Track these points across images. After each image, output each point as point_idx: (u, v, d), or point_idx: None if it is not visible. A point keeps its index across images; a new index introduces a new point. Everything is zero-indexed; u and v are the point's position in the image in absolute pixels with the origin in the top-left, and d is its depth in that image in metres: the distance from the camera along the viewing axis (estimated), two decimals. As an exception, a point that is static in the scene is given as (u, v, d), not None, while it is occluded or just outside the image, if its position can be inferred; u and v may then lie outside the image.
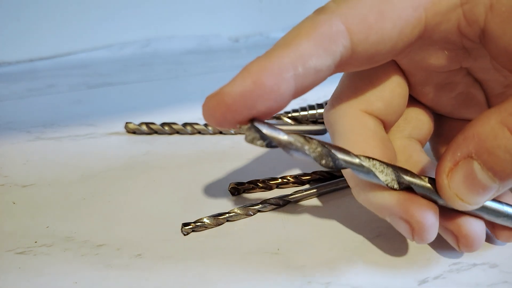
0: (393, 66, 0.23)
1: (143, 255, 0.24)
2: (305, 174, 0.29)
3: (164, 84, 0.45)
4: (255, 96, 0.17)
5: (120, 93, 0.43)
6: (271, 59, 0.18)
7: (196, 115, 0.37)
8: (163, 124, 0.35)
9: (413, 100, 0.25)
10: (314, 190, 0.28)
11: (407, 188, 0.20)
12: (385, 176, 0.20)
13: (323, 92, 0.40)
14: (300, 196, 0.28)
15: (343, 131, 0.22)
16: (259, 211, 0.27)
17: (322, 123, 0.35)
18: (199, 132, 0.35)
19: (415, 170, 0.22)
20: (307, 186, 0.29)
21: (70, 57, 0.50)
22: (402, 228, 0.21)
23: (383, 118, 0.23)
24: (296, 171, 0.30)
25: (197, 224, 0.25)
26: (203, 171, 0.31)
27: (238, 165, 0.31)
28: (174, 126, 0.35)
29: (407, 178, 0.20)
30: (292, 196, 0.27)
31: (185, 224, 0.25)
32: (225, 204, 0.27)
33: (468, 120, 0.25)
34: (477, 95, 0.24)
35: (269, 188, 0.29)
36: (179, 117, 0.36)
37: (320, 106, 0.35)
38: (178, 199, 0.28)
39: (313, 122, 0.35)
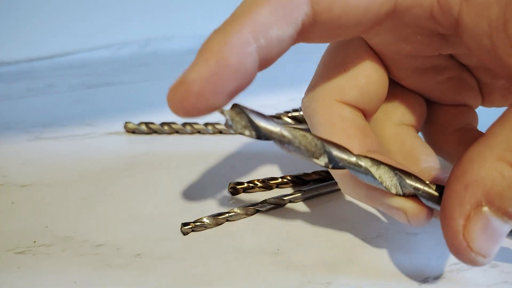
0: (367, 50, 0.22)
1: (143, 254, 0.24)
2: (305, 174, 0.29)
3: (164, 84, 0.45)
4: (222, 78, 0.16)
5: (119, 93, 0.43)
6: (230, 32, 0.17)
7: (195, 115, 0.37)
8: (162, 124, 0.35)
9: (402, 88, 0.24)
10: (314, 190, 0.28)
11: (410, 194, 0.19)
12: (386, 179, 0.19)
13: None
14: (300, 196, 0.28)
15: (319, 124, 0.21)
16: (258, 211, 0.27)
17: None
18: (199, 132, 0.35)
19: (409, 158, 0.21)
20: (307, 186, 0.29)
21: (69, 57, 0.50)
22: (397, 215, 0.20)
23: (360, 107, 0.22)
24: (296, 171, 0.30)
25: (196, 224, 0.25)
26: (202, 171, 0.31)
27: (237, 165, 0.31)
28: (173, 126, 0.35)
29: (411, 183, 0.19)
30: (292, 196, 0.27)
31: (184, 224, 0.25)
32: (225, 204, 0.27)
33: (460, 106, 0.24)
34: (469, 80, 0.23)
35: (269, 188, 0.29)
36: (178, 117, 0.36)
37: (320, 106, 0.35)
38: (178, 198, 0.28)
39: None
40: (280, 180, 0.29)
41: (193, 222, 0.25)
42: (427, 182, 0.19)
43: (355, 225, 0.26)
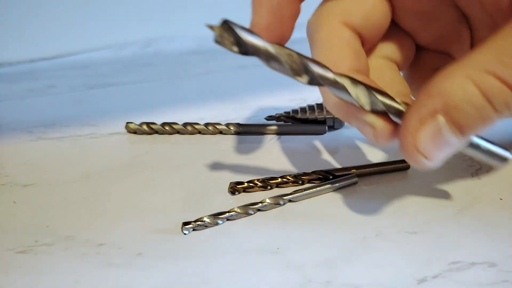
0: None
1: (144, 254, 0.24)
2: (304, 174, 0.29)
3: (165, 84, 0.45)
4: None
5: (120, 93, 0.43)
6: None
7: (196, 115, 0.38)
8: (163, 124, 0.35)
9: (396, 27, 0.25)
10: (314, 190, 0.28)
11: (382, 112, 0.20)
12: (361, 96, 0.20)
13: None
14: (300, 195, 0.28)
15: (318, 41, 0.22)
16: (259, 210, 0.27)
17: (323, 123, 0.35)
18: (200, 132, 0.35)
19: (386, 89, 0.22)
20: (306, 185, 0.29)
21: (71, 57, 0.50)
22: (367, 131, 0.21)
23: (361, 32, 0.23)
24: (296, 171, 0.30)
25: (197, 223, 0.25)
26: (203, 171, 0.31)
27: (238, 165, 0.31)
28: (174, 126, 0.35)
29: (383, 100, 0.20)
30: (292, 196, 0.28)
31: (185, 223, 0.25)
32: (225, 203, 0.27)
33: (447, 55, 0.25)
34: (463, 32, 0.24)
35: (269, 187, 0.29)
36: (179, 117, 0.36)
37: (319, 106, 0.35)
38: (179, 198, 0.28)
39: (313, 122, 0.35)
40: (279, 179, 0.29)
41: (194, 222, 0.25)
42: (398, 100, 0.20)
43: (355, 224, 0.26)
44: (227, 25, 0.18)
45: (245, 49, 0.19)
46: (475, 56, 0.18)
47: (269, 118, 0.36)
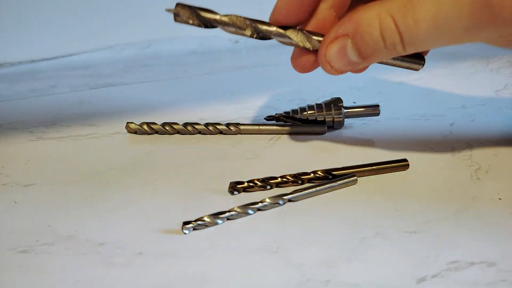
0: None
1: (144, 253, 0.24)
2: (304, 173, 0.29)
3: (165, 85, 0.45)
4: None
5: (121, 93, 0.43)
6: None
7: (197, 115, 0.38)
8: (164, 124, 0.35)
9: None
10: (313, 189, 0.28)
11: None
12: (300, 40, 0.26)
13: (322, 92, 0.41)
14: (299, 195, 0.28)
15: None
16: (258, 210, 0.27)
17: (322, 123, 0.35)
18: (200, 132, 0.35)
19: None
20: (306, 185, 0.29)
21: (72, 58, 0.51)
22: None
23: None
24: (296, 171, 0.30)
25: (197, 222, 0.25)
26: (203, 171, 0.31)
27: (238, 165, 0.31)
28: (175, 126, 0.35)
29: (316, 38, 0.26)
30: (292, 195, 0.28)
31: (185, 223, 0.25)
32: (225, 203, 0.27)
33: None
34: None
35: (269, 187, 0.29)
36: (180, 117, 0.36)
37: (319, 106, 0.35)
38: (179, 198, 0.28)
39: (313, 122, 0.35)
40: (279, 179, 0.29)
41: (194, 221, 0.26)
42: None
43: (354, 224, 0.26)
44: (182, 5, 0.25)
45: (203, 21, 0.24)
46: (389, 0, 0.22)
47: (269, 118, 0.36)
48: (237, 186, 0.28)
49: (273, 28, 0.26)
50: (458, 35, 0.22)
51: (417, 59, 0.28)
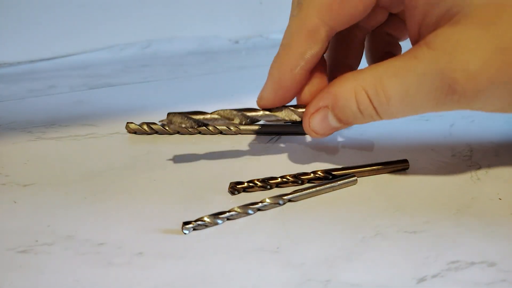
0: None
1: (144, 253, 0.24)
2: (304, 174, 0.29)
3: (165, 85, 0.45)
4: (282, 93, 0.28)
5: (121, 93, 0.43)
6: (282, 58, 0.27)
7: (196, 115, 0.38)
8: (164, 124, 0.35)
9: None
10: (313, 189, 0.28)
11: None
12: (286, 115, 0.28)
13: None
14: (300, 195, 0.28)
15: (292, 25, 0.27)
16: (259, 210, 0.27)
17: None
18: (200, 132, 0.35)
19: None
20: (306, 185, 0.29)
21: (71, 58, 0.50)
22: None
23: (333, 25, 0.26)
24: (295, 171, 0.30)
25: (197, 223, 0.25)
26: (203, 171, 0.31)
27: (238, 165, 0.31)
28: (174, 126, 0.35)
29: (300, 111, 0.29)
30: (292, 195, 0.28)
31: (185, 223, 0.25)
32: (225, 203, 0.27)
33: (389, 35, 0.31)
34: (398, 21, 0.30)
35: (269, 187, 0.29)
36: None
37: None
38: (179, 198, 0.28)
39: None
40: (279, 179, 0.29)
41: (194, 221, 0.25)
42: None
43: (354, 223, 0.26)
44: (173, 113, 0.27)
45: (196, 122, 0.27)
46: (362, 74, 0.25)
47: (269, 118, 0.36)
48: (237, 186, 0.28)
49: (260, 112, 0.28)
50: (428, 110, 0.24)
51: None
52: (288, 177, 0.29)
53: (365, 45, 0.31)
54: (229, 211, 0.26)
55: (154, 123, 0.35)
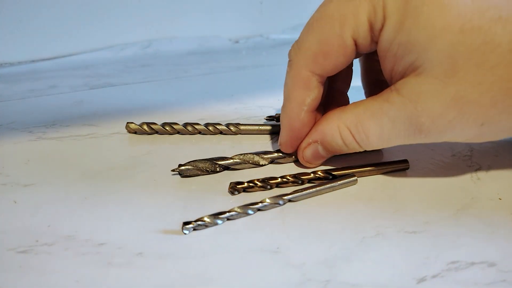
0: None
1: (144, 253, 0.24)
2: (304, 174, 0.29)
3: (165, 85, 0.45)
4: (295, 137, 0.31)
5: (121, 93, 0.43)
6: (287, 109, 0.30)
7: (196, 115, 0.38)
8: (164, 124, 0.35)
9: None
10: (313, 189, 0.28)
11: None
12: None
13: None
14: (300, 195, 0.28)
15: (288, 78, 0.30)
16: (258, 210, 0.27)
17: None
18: (200, 132, 0.35)
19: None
20: (306, 185, 0.29)
21: (72, 58, 0.51)
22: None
23: (322, 74, 0.29)
24: (296, 171, 0.30)
25: (197, 223, 0.25)
26: (203, 171, 0.31)
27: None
28: (175, 126, 0.35)
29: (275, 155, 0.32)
30: (292, 196, 0.28)
31: (185, 223, 0.25)
32: (225, 203, 0.27)
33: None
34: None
35: (269, 187, 0.29)
36: (180, 117, 0.36)
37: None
38: (179, 198, 0.28)
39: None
40: (279, 179, 0.29)
41: (194, 221, 0.25)
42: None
43: (354, 224, 0.26)
44: (187, 163, 0.30)
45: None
46: (345, 113, 0.28)
47: (269, 118, 0.36)
48: (237, 186, 0.28)
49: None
50: (401, 143, 0.28)
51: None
52: (288, 177, 0.29)
53: (360, 68, 0.34)
54: (229, 211, 0.26)
55: (154, 123, 0.35)
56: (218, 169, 0.31)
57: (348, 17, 0.26)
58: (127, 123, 0.35)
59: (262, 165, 0.31)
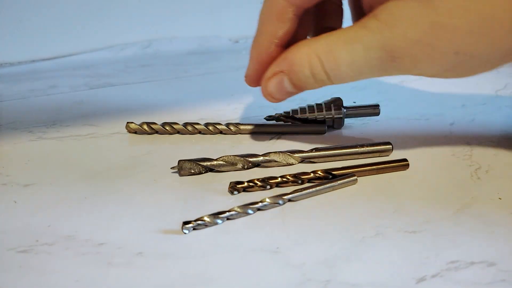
0: None
1: (144, 253, 0.24)
2: (304, 173, 0.29)
3: (165, 85, 0.45)
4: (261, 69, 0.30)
5: (121, 93, 0.43)
6: (258, 40, 0.29)
7: (197, 115, 0.38)
8: (164, 124, 0.35)
9: None
10: (313, 189, 0.28)
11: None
12: (283, 159, 0.31)
13: (322, 92, 0.40)
14: (299, 195, 0.28)
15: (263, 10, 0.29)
16: (258, 209, 0.27)
17: (322, 122, 0.35)
18: (200, 132, 0.35)
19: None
20: (306, 185, 0.29)
21: (72, 58, 0.51)
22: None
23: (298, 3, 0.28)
24: (295, 170, 0.30)
25: (197, 222, 0.25)
26: (203, 171, 0.31)
27: (238, 165, 0.31)
28: (175, 126, 0.35)
29: (296, 156, 0.32)
30: (292, 195, 0.28)
31: (185, 223, 0.25)
32: (225, 203, 0.27)
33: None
34: None
35: (269, 187, 0.29)
36: (180, 117, 0.36)
37: (319, 106, 0.35)
38: (179, 198, 0.28)
39: (312, 121, 0.35)
40: (279, 179, 0.29)
41: (194, 221, 0.26)
42: None
43: (354, 224, 0.26)
44: (183, 161, 0.30)
45: (204, 168, 0.30)
46: (316, 41, 0.27)
47: (269, 118, 0.36)
48: (237, 186, 0.28)
49: (260, 158, 0.31)
50: (372, 76, 0.27)
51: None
52: (288, 176, 0.29)
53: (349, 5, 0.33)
54: (229, 211, 0.26)
55: (154, 123, 0.35)
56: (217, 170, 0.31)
57: None
58: (127, 123, 0.35)
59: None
